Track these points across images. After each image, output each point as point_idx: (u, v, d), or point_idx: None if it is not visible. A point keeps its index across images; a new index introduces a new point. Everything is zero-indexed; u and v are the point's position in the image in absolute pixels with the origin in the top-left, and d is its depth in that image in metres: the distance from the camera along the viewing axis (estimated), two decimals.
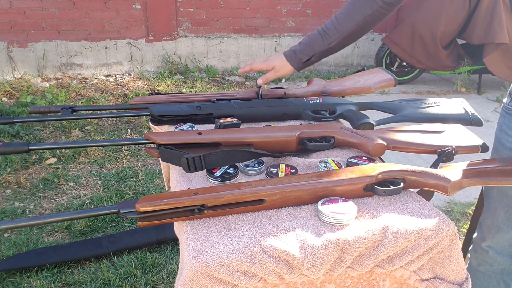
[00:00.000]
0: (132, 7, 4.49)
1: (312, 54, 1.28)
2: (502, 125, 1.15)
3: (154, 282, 1.85)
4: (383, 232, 0.79)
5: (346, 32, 1.24)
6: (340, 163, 0.99)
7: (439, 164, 0.97)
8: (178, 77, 4.57)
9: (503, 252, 1.21)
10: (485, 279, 1.26)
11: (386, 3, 1.19)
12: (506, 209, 1.17)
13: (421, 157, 2.90)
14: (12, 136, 3.11)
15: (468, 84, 4.80)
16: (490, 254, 1.23)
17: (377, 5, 1.20)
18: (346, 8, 1.25)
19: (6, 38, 4.21)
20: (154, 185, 2.61)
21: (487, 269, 1.25)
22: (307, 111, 1.26)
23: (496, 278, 1.24)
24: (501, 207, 1.18)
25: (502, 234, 1.20)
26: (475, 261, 1.28)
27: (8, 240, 2.07)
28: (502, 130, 1.15)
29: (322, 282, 0.79)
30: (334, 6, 5.08)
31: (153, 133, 1.01)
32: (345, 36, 1.25)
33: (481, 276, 1.26)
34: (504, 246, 1.21)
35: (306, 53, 1.29)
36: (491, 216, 1.22)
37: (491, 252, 1.23)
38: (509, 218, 1.17)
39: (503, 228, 1.19)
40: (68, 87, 4.11)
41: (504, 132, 1.14)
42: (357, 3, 1.22)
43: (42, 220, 0.76)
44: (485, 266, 1.25)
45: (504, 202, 1.17)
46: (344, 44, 1.27)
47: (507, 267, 1.21)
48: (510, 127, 1.12)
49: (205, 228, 0.79)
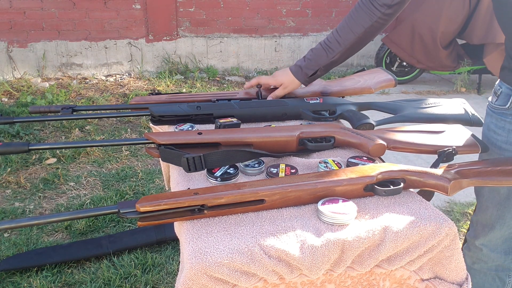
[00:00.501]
0: (132, 7, 4.49)
1: (317, 68, 1.30)
2: (489, 124, 1.16)
3: (154, 282, 1.85)
4: (383, 232, 0.79)
5: (348, 44, 1.25)
6: (340, 163, 0.99)
7: (439, 164, 0.97)
8: (178, 77, 4.57)
9: (497, 249, 1.22)
10: (480, 277, 1.27)
11: (385, 14, 1.20)
12: (498, 207, 1.17)
13: (421, 157, 2.90)
14: (12, 136, 3.11)
15: (468, 84, 4.80)
16: (484, 251, 1.24)
17: (376, 17, 1.21)
18: (345, 21, 1.26)
19: (6, 38, 4.21)
20: (154, 185, 2.61)
21: (482, 267, 1.26)
22: (307, 111, 1.27)
23: (491, 275, 1.25)
24: (493, 205, 1.19)
25: (495, 232, 1.21)
26: (469, 259, 1.28)
27: (8, 240, 2.07)
28: (490, 129, 1.15)
29: (322, 282, 0.79)
30: (334, 6, 5.08)
31: (153, 133, 1.01)
32: (347, 49, 1.26)
33: (476, 274, 1.27)
34: (497, 243, 1.21)
35: (311, 67, 1.30)
36: (483, 214, 1.23)
37: (485, 250, 1.24)
38: (501, 216, 1.17)
39: (495, 226, 1.20)
40: (68, 87, 4.11)
41: (492, 131, 1.14)
42: (355, 15, 1.23)
43: (42, 220, 0.76)
44: (479, 264, 1.26)
45: (496, 200, 1.18)
46: (347, 56, 1.29)
47: (501, 263, 1.22)
48: (498, 125, 1.12)
49: (205, 228, 0.79)
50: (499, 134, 1.12)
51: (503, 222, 1.18)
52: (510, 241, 1.20)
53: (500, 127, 1.11)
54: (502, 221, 1.18)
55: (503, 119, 1.10)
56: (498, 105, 1.11)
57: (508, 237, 1.19)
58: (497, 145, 1.13)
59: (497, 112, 1.12)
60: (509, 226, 1.17)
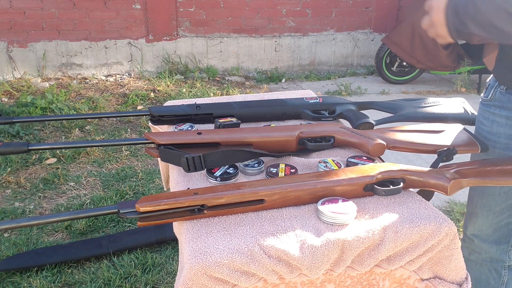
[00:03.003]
0: (132, 7, 4.49)
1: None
2: (479, 116, 1.20)
3: (154, 282, 1.85)
4: (383, 232, 0.79)
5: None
6: (340, 163, 0.99)
7: (439, 164, 0.97)
8: (178, 77, 4.57)
9: (488, 240, 1.24)
10: (477, 268, 1.29)
11: None
12: (482, 196, 1.20)
13: (421, 157, 2.90)
14: (12, 136, 3.11)
15: (468, 84, 4.79)
16: (476, 242, 1.26)
17: None
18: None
19: (6, 38, 4.21)
20: (154, 185, 2.61)
21: (477, 258, 1.28)
22: (307, 110, 1.27)
23: (487, 266, 1.27)
24: (477, 194, 1.22)
25: (480, 219, 1.23)
26: (466, 250, 1.31)
27: (8, 240, 2.07)
28: (478, 120, 1.20)
29: (322, 282, 0.79)
30: (334, 6, 5.08)
31: (153, 133, 1.01)
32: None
33: (473, 265, 1.29)
34: (487, 233, 1.23)
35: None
36: (469, 203, 1.26)
37: (476, 241, 1.26)
38: (485, 204, 1.20)
39: (481, 213, 1.22)
40: (68, 87, 4.11)
41: (480, 122, 1.18)
42: None
43: (42, 220, 0.76)
44: (475, 254, 1.29)
45: (478, 189, 1.21)
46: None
47: (494, 256, 1.23)
48: (485, 116, 1.16)
49: (205, 228, 0.79)
50: (484, 124, 1.16)
51: (488, 210, 1.20)
52: (500, 231, 1.21)
53: (485, 117, 1.15)
54: (487, 208, 1.20)
55: (487, 110, 1.14)
56: (485, 97, 1.16)
57: (497, 226, 1.21)
58: (483, 135, 1.17)
59: (484, 104, 1.16)
60: (495, 214, 1.19)
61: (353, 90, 4.56)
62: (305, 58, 5.21)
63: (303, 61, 5.22)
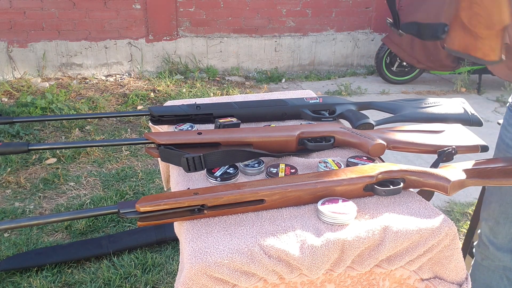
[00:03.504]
0: (132, 7, 4.49)
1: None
2: (504, 121, 1.16)
3: (154, 282, 1.85)
4: (383, 232, 0.79)
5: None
6: (340, 163, 0.99)
7: (439, 164, 0.97)
8: (178, 77, 4.57)
9: (503, 248, 1.22)
10: (488, 274, 1.27)
11: None
12: (501, 203, 1.18)
13: (421, 157, 2.90)
14: (12, 136, 3.11)
15: (468, 84, 4.79)
16: (491, 249, 1.24)
17: None
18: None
19: (6, 38, 4.21)
20: (154, 185, 2.61)
21: (490, 264, 1.26)
22: (307, 111, 1.26)
23: (499, 273, 1.25)
24: (495, 200, 1.20)
25: (499, 227, 1.21)
26: (479, 255, 1.29)
27: (8, 240, 2.07)
28: (503, 126, 1.16)
29: (322, 282, 0.79)
30: (334, 6, 5.08)
31: (153, 133, 1.01)
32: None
33: (484, 270, 1.28)
34: (503, 242, 1.21)
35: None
36: (486, 209, 1.24)
37: (491, 248, 1.24)
38: (504, 211, 1.18)
39: (499, 221, 1.20)
40: (68, 87, 4.11)
41: (504, 128, 1.15)
42: None
43: (42, 220, 0.76)
44: (487, 261, 1.27)
45: (497, 195, 1.18)
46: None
47: (508, 264, 1.22)
48: (510, 123, 1.12)
49: (205, 228, 0.79)
50: (509, 131, 1.13)
51: (506, 217, 1.18)
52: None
53: (511, 123, 1.12)
54: (505, 216, 1.18)
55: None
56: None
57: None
58: (506, 142, 1.13)
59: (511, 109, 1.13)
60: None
61: (353, 90, 4.56)
62: (305, 58, 5.21)
63: (303, 61, 5.22)
